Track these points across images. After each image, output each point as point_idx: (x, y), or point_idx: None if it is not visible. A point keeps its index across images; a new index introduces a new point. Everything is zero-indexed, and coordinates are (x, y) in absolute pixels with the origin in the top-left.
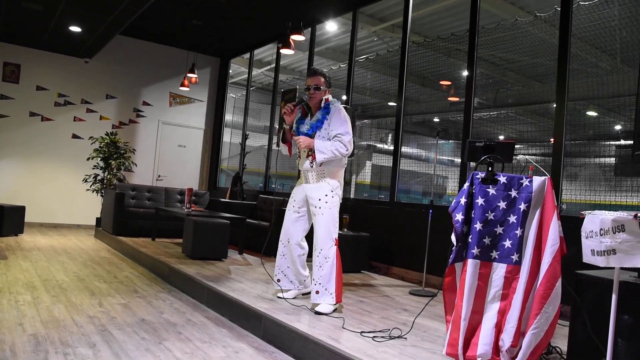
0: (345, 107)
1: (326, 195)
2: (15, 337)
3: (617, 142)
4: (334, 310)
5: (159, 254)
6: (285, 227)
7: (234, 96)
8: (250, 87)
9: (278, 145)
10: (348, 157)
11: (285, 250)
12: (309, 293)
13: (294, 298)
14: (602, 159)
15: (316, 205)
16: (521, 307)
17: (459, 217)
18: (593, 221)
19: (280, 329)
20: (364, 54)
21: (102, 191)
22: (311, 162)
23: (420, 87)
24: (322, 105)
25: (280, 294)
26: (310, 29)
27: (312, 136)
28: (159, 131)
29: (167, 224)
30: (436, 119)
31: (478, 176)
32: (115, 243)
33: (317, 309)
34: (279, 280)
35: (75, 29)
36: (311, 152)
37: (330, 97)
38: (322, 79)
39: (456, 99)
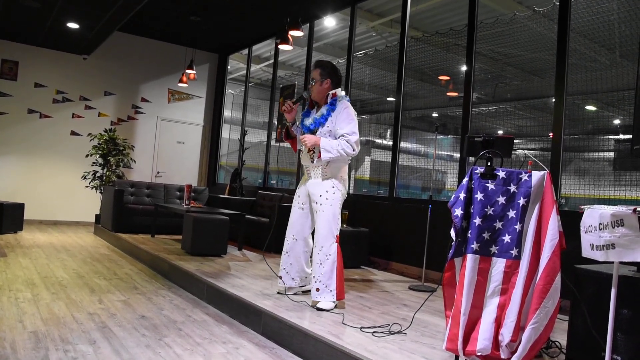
0: (348, 100)
1: (327, 192)
2: (15, 335)
3: (616, 137)
4: (335, 306)
5: (159, 250)
6: (290, 223)
7: (232, 92)
8: (248, 83)
9: (277, 140)
10: None
11: (289, 247)
12: (310, 291)
13: (294, 294)
14: (601, 154)
15: (317, 201)
16: (521, 301)
17: (458, 212)
18: (592, 216)
19: (280, 325)
20: (363, 49)
21: (101, 188)
22: (311, 158)
23: (419, 82)
24: (329, 100)
25: (280, 290)
26: (308, 24)
27: (314, 131)
28: (157, 128)
29: (166, 220)
30: (435, 114)
31: (477, 171)
32: (114, 240)
33: (319, 305)
34: (281, 277)
35: (73, 25)
36: (316, 150)
37: (339, 91)
38: (319, 70)
39: (455, 94)
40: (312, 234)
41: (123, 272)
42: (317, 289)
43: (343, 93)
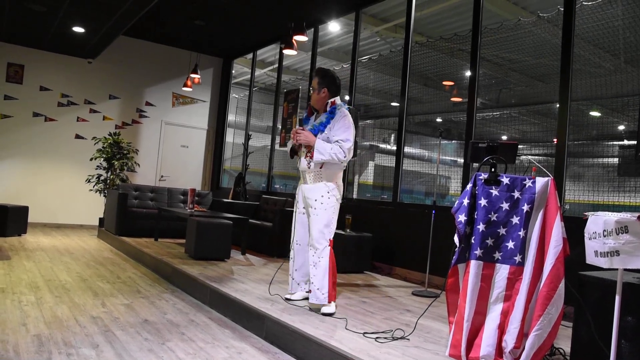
0: (348, 108)
1: (322, 196)
2: (18, 338)
3: (621, 142)
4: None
5: (162, 254)
6: (293, 229)
7: (236, 96)
8: (253, 87)
9: (281, 145)
10: (351, 158)
11: (294, 252)
12: None
13: (301, 299)
14: (606, 159)
15: (311, 205)
16: (524, 308)
17: (461, 218)
18: (596, 222)
19: (283, 330)
20: (367, 54)
21: (105, 191)
22: (308, 163)
23: (423, 87)
24: (328, 108)
25: (286, 295)
26: (313, 29)
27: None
28: (161, 131)
29: (169, 224)
30: (439, 119)
31: (481, 177)
32: (118, 243)
33: (322, 309)
34: (288, 283)
35: (78, 29)
36: (309, 152)
37: (337, 100)
38: (317, 79)
39: (459, 99)
40: None
41: (126, 276)
42: (310, 291)
43: (341, 102)
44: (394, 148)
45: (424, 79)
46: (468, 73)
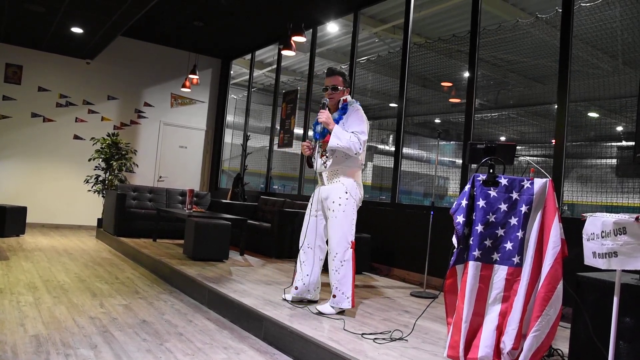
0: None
1: (340, 198)
2: (16, 338)
3: (619, 144)
4: (343, 312)
5: (160, 255)
6: (304, 232)
7: (235, 97)
8: (251, 88)
9: (279, 146)
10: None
11: (305, 256)
12: (316, 301)
13: (301, 301)
14: (604, 160)
15: (330, 207)
16: (522, 309)
17: (460, 219)
18: (594, 223)
19: (281, 331)
20: (365, 55)
21: (104, 192)
22: (324, 163)
23: (422, 88)
24: (340, 105)
25: (285, 296)
26: (311, 30)
27: (326, 135)
28: (160, 132)
29: (168, 225)
30: (437, 120)
31: (479, 178)
32: (116, 244)
33: (320, 309)
34: (296, 288)
35: (77, 30)
36: (325, 152)
37: (349, 97)
38: (341, 79)
39: (457, 100)
40: (327, 241)
41: (125, 277)
42: (334, 295)
43: (352, 99)
44: (393, 149)
45: (423, 80)
46: (466, 74)
